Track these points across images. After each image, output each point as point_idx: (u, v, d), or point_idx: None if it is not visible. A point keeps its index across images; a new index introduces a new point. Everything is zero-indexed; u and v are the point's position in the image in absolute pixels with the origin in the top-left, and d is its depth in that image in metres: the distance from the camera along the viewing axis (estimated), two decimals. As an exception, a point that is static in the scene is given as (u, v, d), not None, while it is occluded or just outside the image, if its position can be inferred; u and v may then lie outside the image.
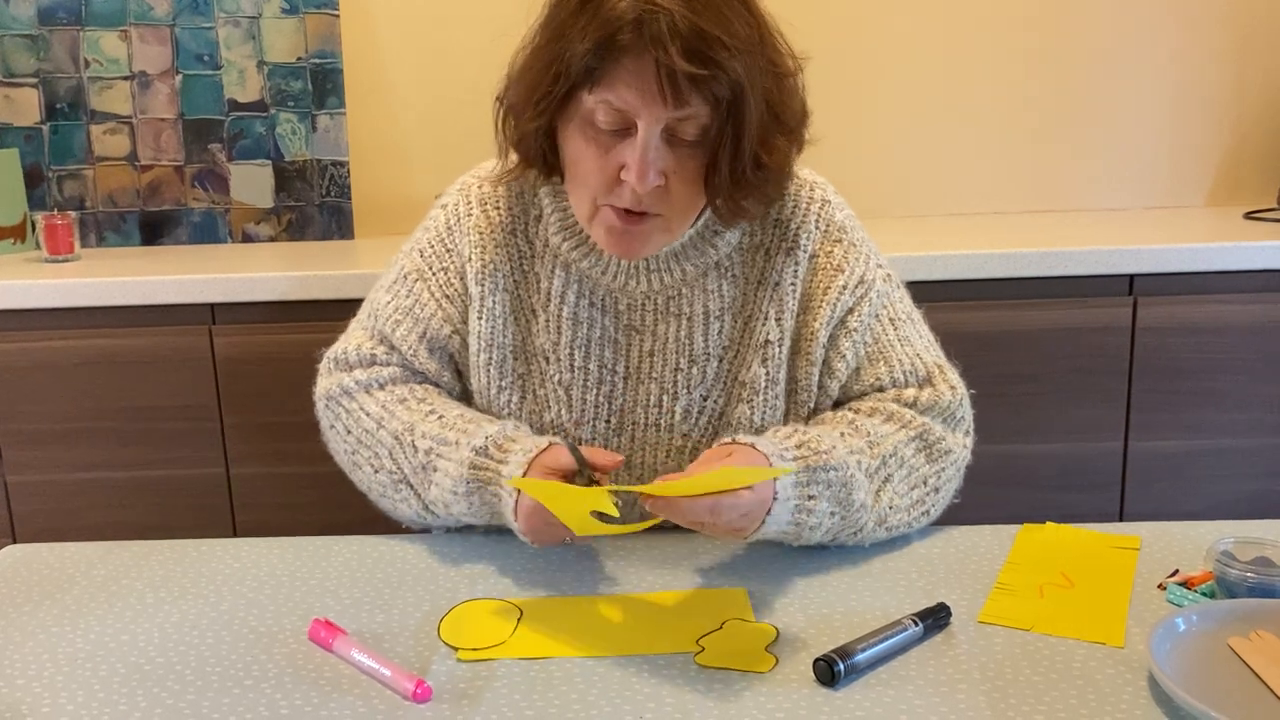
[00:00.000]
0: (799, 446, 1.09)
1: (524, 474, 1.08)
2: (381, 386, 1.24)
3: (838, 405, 1.24)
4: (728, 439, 1.11)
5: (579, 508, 1.02)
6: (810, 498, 1.08)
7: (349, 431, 1.24)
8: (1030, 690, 0.89)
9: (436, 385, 1.26)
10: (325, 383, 1.28)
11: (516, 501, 1.08)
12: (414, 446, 1.17)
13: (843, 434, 1.15)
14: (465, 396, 1.28)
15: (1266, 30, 2.33)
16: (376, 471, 1.21)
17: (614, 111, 1.07)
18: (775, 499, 1.05)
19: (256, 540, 1.21)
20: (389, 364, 1.26)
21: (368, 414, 1.22)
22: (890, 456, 1.15)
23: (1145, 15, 2.32)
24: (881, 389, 1.22)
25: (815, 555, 1.14)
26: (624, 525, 1.02)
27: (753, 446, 1.07)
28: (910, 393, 1.21)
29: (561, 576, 1.11)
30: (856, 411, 1.20)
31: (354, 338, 1.29)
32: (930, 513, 1.20)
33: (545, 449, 1.11)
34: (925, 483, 1.18)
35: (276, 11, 2.23)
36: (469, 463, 1.12)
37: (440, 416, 1.18)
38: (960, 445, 1.22)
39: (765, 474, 1.04)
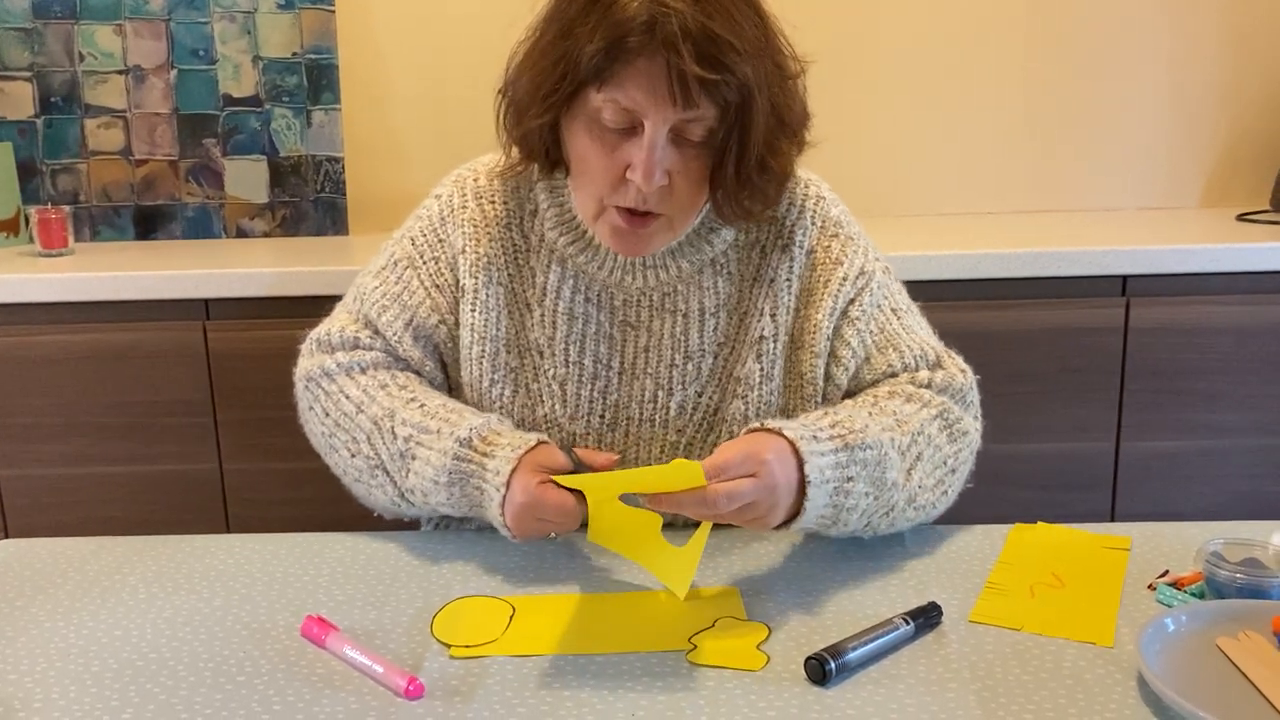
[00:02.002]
0: (833, 426, 1.08)
1: (513, 470, 1.08)
2: (363, 370, 1.24)
3: (848, 396, 1.23)
4: (755, 424, 1.09)
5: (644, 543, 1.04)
6: (849, 479, 1.06)
7: (327, 414, 1.24)
8: (1020, 689, 0.90)
9: (419, 374, 1.26)
10: (306, 364, 1.28)
11: (504, 496, 1.08)
12: (393, 433, 1.17)
13: (870, 413, 1.14)
14: (448, 388, 1.28)
15: (1261, 32, 2.34)
16: (353, 456, 1.21)
17: (622, 111, 1.07)
18: (809, 483, 1.03)
19: (249, 536, 1.21)
20: (372, 348, 1.25)
21: (347, 397, 1.22)
22: (918, 434, 1.15)
23: (1140, 16, 2.32)
24: (894, 374, 1.22)
25: (808, 554, 1.15)
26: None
27: (779, 432, 1.05)
28: (924, 374, 1.21)
29: (554, 574, 1.11)
30: (875, 396, 1.19)
31: (338, 320, 1.29)
32: (949, 493, 1.18)
33: (534, 447, 1.10)
34: (946, 463, 1.17)
35: (272, 6, 2.23)
36: (452, 453, 1.12)
37: (422, 405, 1.18)
38: (974, 428, 1.22)
39: (677, 474, 0.99)
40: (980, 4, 2.32)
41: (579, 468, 1.10)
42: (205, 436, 1.95)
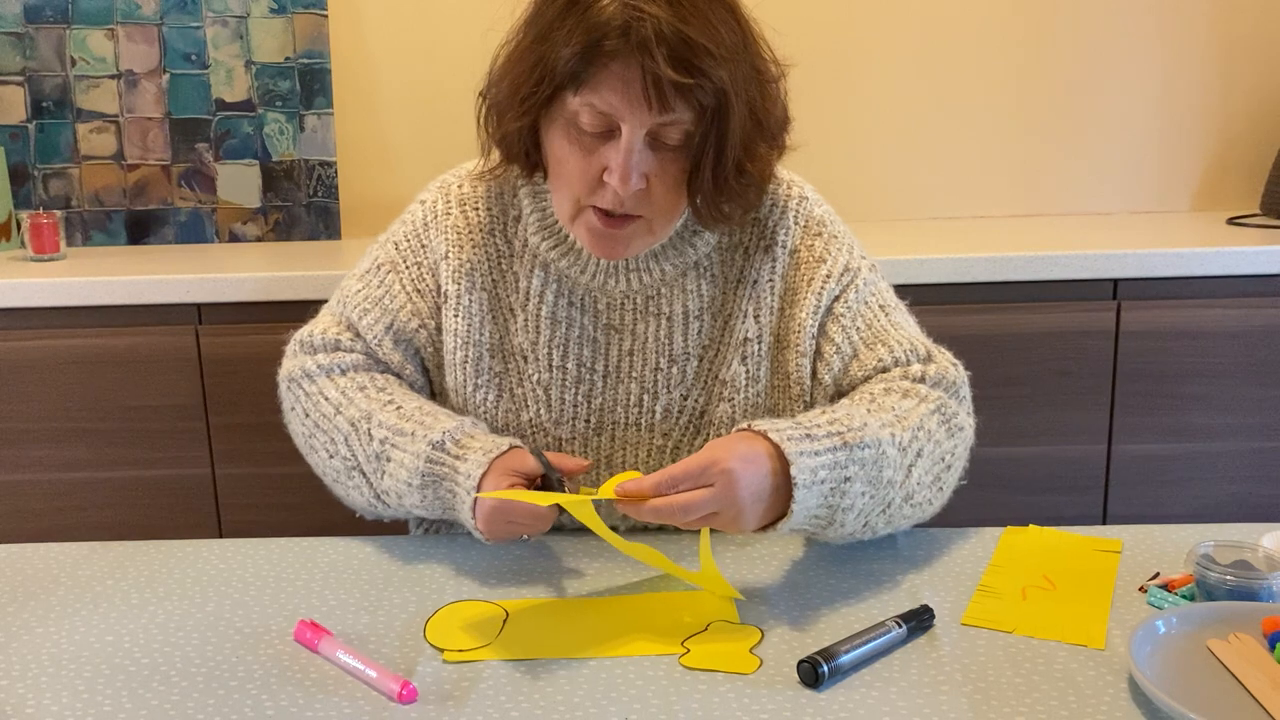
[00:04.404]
0: (831, 424, 1.06)
1: (484, 474, 1.09)
2: (343, 372, 1.24)
3: (840, 395, 1.21)
4: (744, 425, 1.07)
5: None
6: (846, 479, 1.04)
7: (307, 415, 1.24)
8: (1012, 692, 0.90)
9: (399, 377, 1.26)
10: (289, 364, 1.29)
11: (475, 500, 1.08)
12: (369, 435, 1.18)
13: (869, 410, 1.12)
14: (429, 392, 1.29)
15: (1252, 36, 2.35)
16: (331, 457, 1.21)
17: (598, 114, 1.07)
18: (797, 485, 1.01)
19: (242, 541, 1.21)
20: (353, 351, 1.26)
21: (327, 399, 1.22)
22: (919, 430, 1.12)
23: (1131, 20, 2.33)
24: (885, 369, 1.20)
25: (800, 557, 1.15)
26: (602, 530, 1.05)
27: (765, 435, 1.03)
28: (916, 368, 1.19)
29: (547, 578, 1.12)
30: (872, 393, 1.17)
31: (321, 322, 1.30)
32: (944, 490, 1.17)
33: (506, 451, 1.11)
34: (944, 459, 1.15)
35: (265, 11, 2.23)
36: (425, 456, 1.12)
37: (399, 407, 1.19)
38: (969, 423, 1.21)
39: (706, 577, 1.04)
40: (971, 9, 2.33)
41: (549, 472, 1.10)
42: (197, 441, 1.95)
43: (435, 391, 1.28)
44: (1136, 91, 2.37)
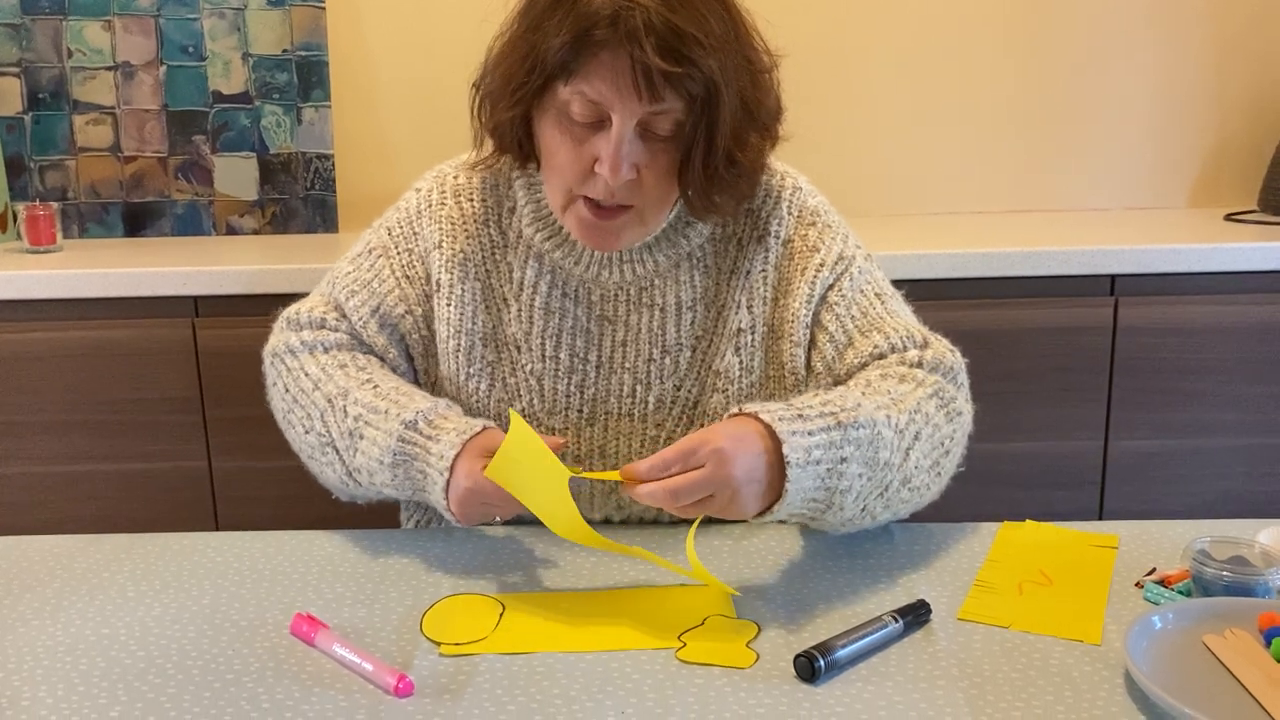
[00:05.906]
0: (824, 404, 1.05)
1: (457, 455, 1.08)
2: (326, 350, 1.25)
3: (838, 384, 1.19)
4: (735, 409, 1.06)
5: (549, 496, 1.04)
6: (843, 460, 1.03)
7: (287, 390, 1.25)
8: (1008, 687, 0.90)
9: (382, 360, 1.26)
10: (274, 340, 1.30)
11: (448, 481, 1.08)
12: (345, 412, 1.18)
13: (864, 393, 1.11)
14: (412, 379, 1.29)
15: (1249, 32, 2.35)
16: (307, 432, 1.22)
17: (589, 104, 1.08)
18: (790, 464, 1.00)
19: (239, 534, 1.21)
20: (338, 330, 1.26)
21: (307, 374, 1.23)
22: (916, 412, 1.11)
23: (1128, 16, 2.33)
24: (881, 356, 1.19)
25: (797, 551, 1.15)
26: (606, 541, 1.05)
27: (756, 416, 1.02)
28: (913, 354, 1.18)
29: (544, 572, 1.12)
30: (868, 379, 1.15)
31: (310, 301, 1.31)
32: (942, 476, 1.16)
33: (480, 432, 1.11)
34: (942, 444, 1.14)
35: (262, 3, 2.22)
36: (397, 435, 1.12)
37: (375, 386, 1.19)
38: (967, 409, 1.20)
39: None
40: (969, 4, 2.33)
41: None
42: (194, 434, 1.95)
43: (420, 380, 1.29)
44: (1134, 87, 2.37)
